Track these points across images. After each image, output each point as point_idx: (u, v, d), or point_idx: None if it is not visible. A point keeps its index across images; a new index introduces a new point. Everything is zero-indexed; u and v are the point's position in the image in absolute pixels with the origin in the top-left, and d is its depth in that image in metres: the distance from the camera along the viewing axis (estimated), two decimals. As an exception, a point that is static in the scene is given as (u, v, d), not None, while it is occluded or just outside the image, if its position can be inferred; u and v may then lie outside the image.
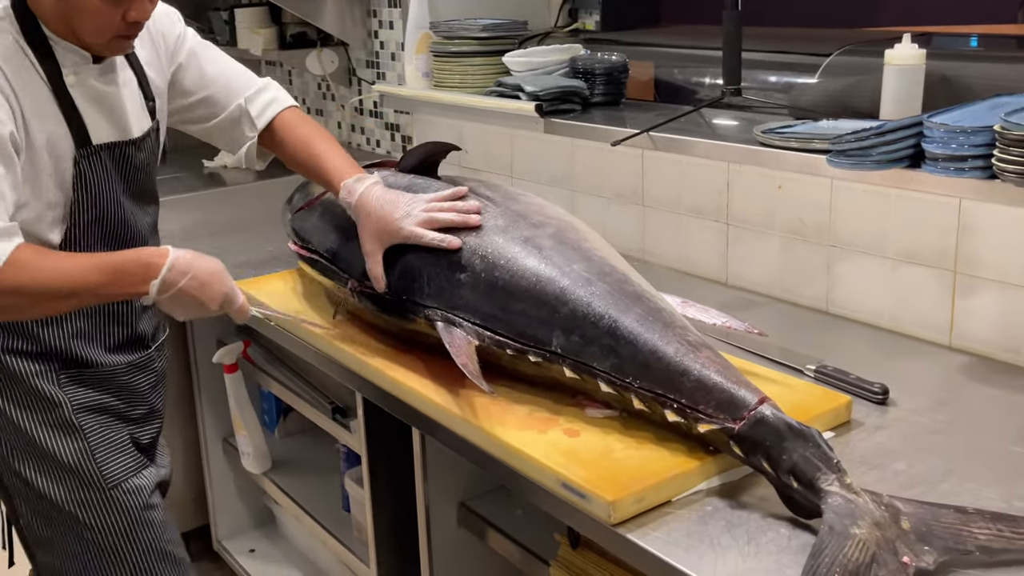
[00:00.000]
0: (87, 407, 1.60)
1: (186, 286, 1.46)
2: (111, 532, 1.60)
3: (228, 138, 1.80)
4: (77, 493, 1.58)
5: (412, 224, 1.56)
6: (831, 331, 1.79)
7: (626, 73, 2.34)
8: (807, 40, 2.25)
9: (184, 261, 1.46)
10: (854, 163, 1.55)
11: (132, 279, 1.44)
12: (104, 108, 1.55)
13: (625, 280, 1.46)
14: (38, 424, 1.57)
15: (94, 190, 1.54)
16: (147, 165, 1.64)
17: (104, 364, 1.62)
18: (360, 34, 3.15)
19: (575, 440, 1.37)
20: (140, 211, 1.64)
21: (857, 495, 1.15)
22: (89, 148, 1.52)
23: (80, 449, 1.58)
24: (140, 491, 1.63)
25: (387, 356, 1.67)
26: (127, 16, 1.45)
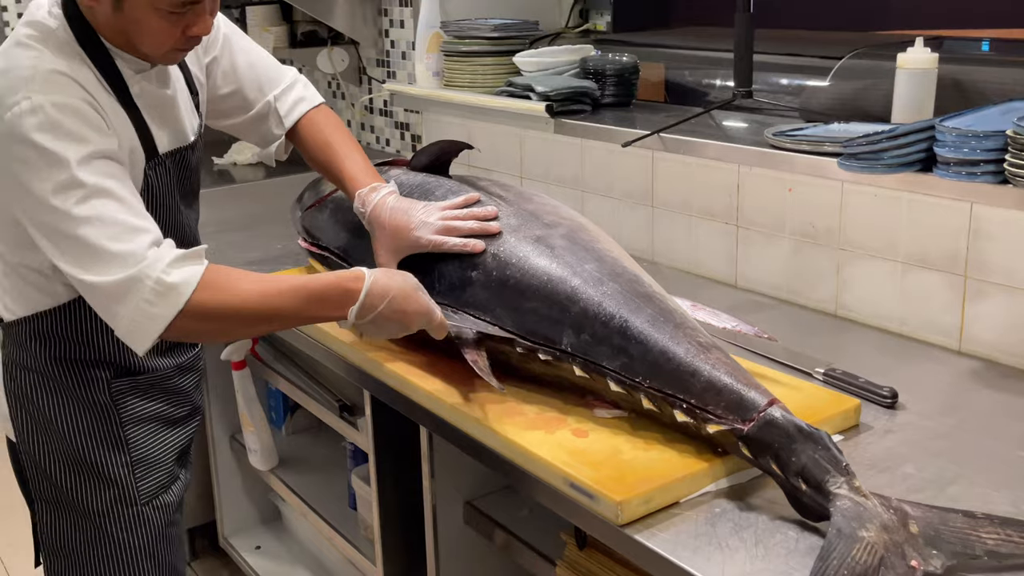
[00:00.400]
0: (136, 418, 1.59)
1: (385, 310, 1.40)
2: (135, 547, 1.60)
3: (256, 133, 1.77)
4: (111, 506, 1.57)
5: (430, 233, 1.54)
6: (840, 334, 1.79)
7: (637, 74, 2.34)
8: (818, 43, 2.25)
9: (381, 285, 1.40)
10: (865, 166, 1.55)
11: (331, 305, 1.40)
12: (164, 115, 1.52)
13: (637, 281, 1.46)
14: (86, 435, 1.55)
15: (158, 199, 1.51)
16: (199, 165, 1.64)
17: (155, 368, 1.61)
18: (371, 33, 3.16)
19: (583, 440, 1.37)
20: (190, 210, 1.64)
21: (866, 498, 1.15)
22: (157, 159, 1.50)
23: (124, 463, 1.57)
24: (167, 508, 1.63)
25: (395, 354, 1.67)
26: (188, 31, 1.41)
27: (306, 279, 1.42)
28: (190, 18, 1.39)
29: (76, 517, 1.58)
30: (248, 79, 1.71)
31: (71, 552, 1.60)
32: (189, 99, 1.61)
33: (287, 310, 1.39)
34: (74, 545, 1.59)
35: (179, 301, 1.31)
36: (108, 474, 1.56)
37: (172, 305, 1.31)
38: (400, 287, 1.41)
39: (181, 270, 1.32)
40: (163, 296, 1.31)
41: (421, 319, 1.43)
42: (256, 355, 2.39)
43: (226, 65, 1.69)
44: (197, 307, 1.32)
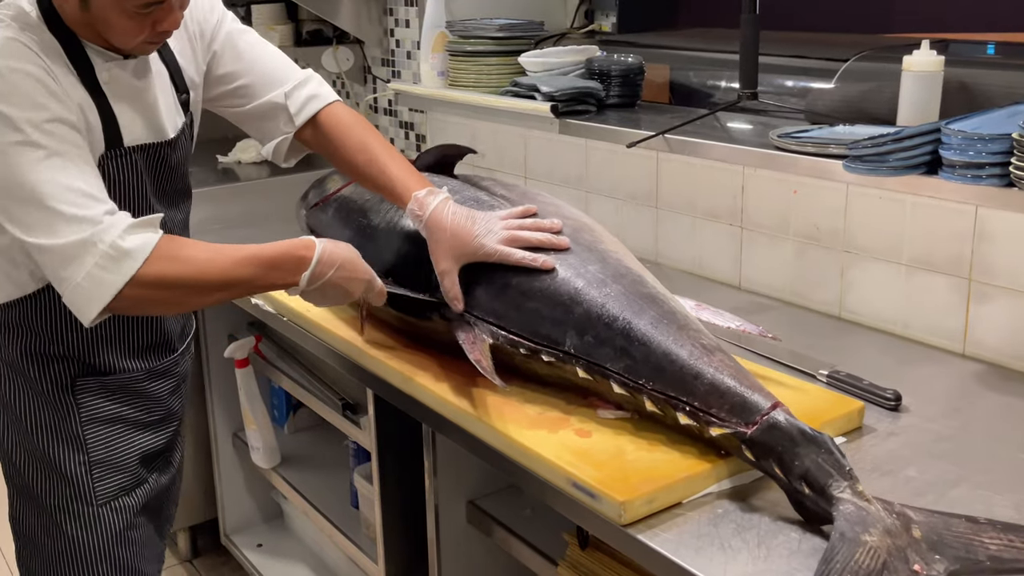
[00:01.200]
0: (97, 418, 1.56)
1: (334, 277, 1.45)
2: (92, 547, 1.58)
3: (259, 128, 1.72)
4: (68, 503, 1.56)
5: (495, 241, 1.49)
6: (844, 337, 1.79)
7: (642, 75, 2.34)
8: (823, 45, 2.25)
9: (329, 252, 1.44)
10: (871, 169, 1.55)
11: (284, 272, 1.43)
12: (138, 107, 1.49)
13: (640, 282, 1.46)
14: (45, 430, 1.54)
15: (119, 191, 1.47)
16: (181, 164, 1.61)
17: (123, 369, 1.58)
18: (376, 32, 3.16)
19: (586, 440, 1.38)
20: (171, 209, 1.60)
21: (869, 503, 1.14)
22: (120, 150, 1.46)
23: (80, 462, 1.55)
24: (126, 510, 1.60)
25: (399, 353, 1.67)
26: (156, 27, 1.40)
27: (258, 247, 1.43)
28: (158, 14, 1.39)
29: (37, 509, 1.58)
30: (254, 72, 1.67)
31: (34, 541, 1.60)
32: (173, 96, 1.57)
33: (241, 278, 1.41)
34: (37, 535, 1.59)
35: (132, 267, 1.31)
36: (65, 471, 1.55)
37: (124, 271, 1.31)
38: (346, 255, 1.47)
39: (136, 236, 1.32)
40: (116, 261, 1.30)
41: (363, 285, 1.50)
42: (259, 353, 2.39)
43: (229, 59, 1.66)
44: (149, 275, 1.32)
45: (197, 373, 2.58)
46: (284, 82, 1.68)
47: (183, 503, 2.71)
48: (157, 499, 1.68)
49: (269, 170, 3.46)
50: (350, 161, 1.66)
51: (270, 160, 1.76)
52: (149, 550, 1.66)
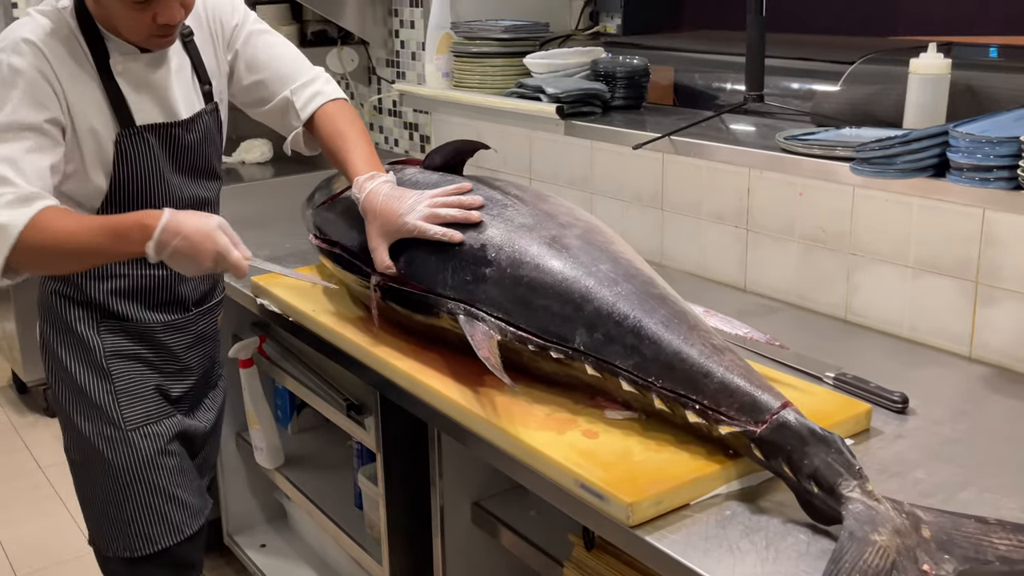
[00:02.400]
0: (118, 354, 1.74)
1: (178, 246, 1.50)
2: (126, 469, 1.74)
3: (279, 124, 1.89)
4: (102, 428, 1.73)
5: (416, 219, 1.59)
6: (850, 339, 1.79)
7: (647, 77, 2.34)
8: (829, 47, 2.25)
9: (175, 222, 1.50)
10: (878, 171, 1.55)
11: (130, 241, 1.51)
12: (150, 92, 1.65)
13: (651, 283, 1.46)
14: (76, 362, 1.73)
15: (135, 167, 1.64)
16: (200, 144, 1.74)
17: (141, 320, 1.75)
18: (381, 33, 3.16)
19: (594, 441, 1.37)
20: (196, 186, 1.75)
21: (878, 502, 1.15)
22: (132, 129, 1.63)
23: (107, 391, 1.73)
24: (157, 437, 1.76)
25: (405, 353, 1.67)
26: (156, 19, 1.54)
27: (111, 217, 1.58)
28: (156, 7, 1.53)
29: (80, 437, 1.76)
30: (270, 71, 1.83)
31: (83, 468, 1.79)
32: (194, 84, 1.73)
33: (94, 244, 1.52)
34: (81, 461, 1.78)
35: (8, 240, 1.48)
36: (96, 400, 1.73)
37: (3, 244, 1.49)
38: (196, 226, 1.51)
39: (12, 212, 1.49)
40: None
41: (214, 257, 1.53)
42: (263, 353, 2.39)
43: (247, 59, 1.81)
44: (25, 243, 1.49)
45: (201, 373, 2.58)
46: (293, 80, 1.84)
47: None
48: (190, 436, 1.85)
49: (273, 170, 3.46)
50: (326, 148, 1.82)
51: (291, 153, 1.91)
52: (185, 479, 1.81)
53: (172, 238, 1.50)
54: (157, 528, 1.77)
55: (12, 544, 2.97)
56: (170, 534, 1.78)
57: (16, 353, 3.71)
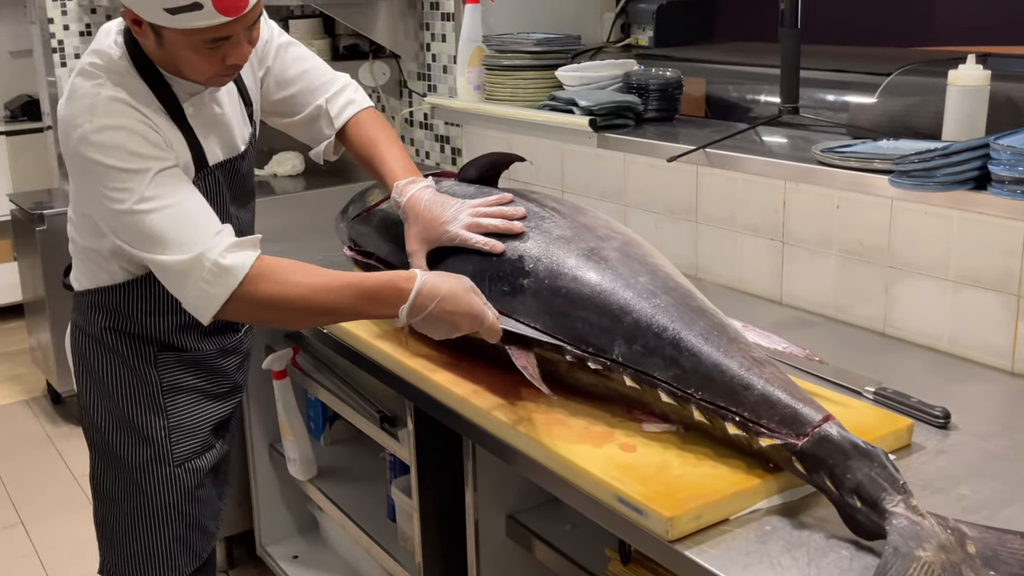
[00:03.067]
0: (175, 388, 1.73)
1: (435, 311, 1.45)
2: (165, 502, 1.73)
3: (307, 133, 1.88)
4: (148, 463, 1.71)
5: (458, 227, 1.59)
6: (888, 353, 1.77)
7: (680, 89, 2.34)
8: (863, 59, 2.24)
9: (431, 285, 1.46)
10: (918, 184, 1.54)
11: (384, 304, 1.47)
12: (217, 131, 1.65)
13: (690, 295, 1.46)
14: (130, 397, 1.71)
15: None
16: (249, 171, 1.77)
17: (197, 349, 1.75)
18: (412, 47, 3.18)
19: (632, 455, 1.37)
20: (243, 211, 1.77)
21: (923, 517, 1.13)
22: (207, 170, 1.63)
23: (161, 426, 1.71)
24: (198, 471, 1.76)
25: (440, 365, 1.67)
26: (225, 60, 1.51)
27: (360, 276, 1.50)
28: (226, 49, 1.49)
29: (119, 470, 1.73)
30: (301, 84, 1.82)
31: (113, 499, 1.75)
32: (241, 111, 1.72)
33: (339, 306, 1.48)
34: (116, 494, 1.74)
35: (232, 283, 1.45)
36: (147, 435, 1.71)
37: (227, 286, 1.45)
38: (451, 289, 1.46)
39: (236, 254, 1.46)
40: (219, 277, 1.45)
41: (471, 321, 1.47)
42: (296, 365, 2.40)
43: (278, 74, 1.81)
44: (249, 292, 1.45)
45: (234, 384, 2.60)
46: (326, 90, 1.84)
47: (219, 514, 2.73)
48: (221, 464, 1.85)
49: (304, 183, 3.49)
50: (359, 155, 1.82)
51: (319, 161, 1.90)
52: (211, 508, 1.82)
53: (428, 302, 1.45)
54: (182, 558, 1.77)
55: (47, 553, 3.00)
56: (192, 560, 1.79)
57: (51, 364, 3.75)
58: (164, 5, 1.39)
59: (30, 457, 3.62)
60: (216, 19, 1.41)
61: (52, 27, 3.90)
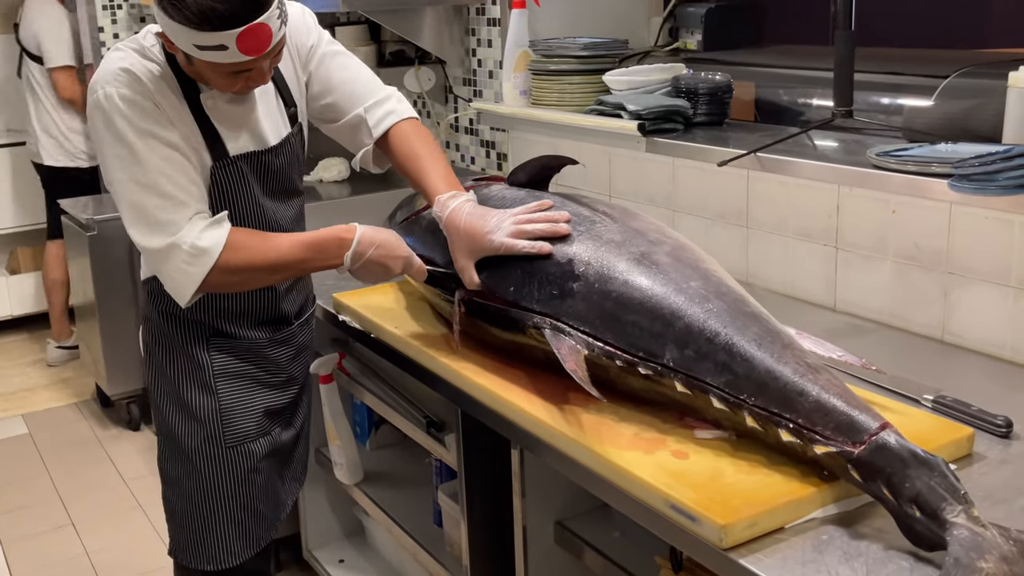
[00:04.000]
0: (227, 372, 1.81)
1: (374, 255, 1.67)
2: (220, 484, 1.81)
3: (349, 141, 1.92)
4: (201, 443, 1.80)
5: (503, 236, 1.60)
6: (947, 361, 1.73)
7: (730, 93, 2.31)
8: (918, 61, 2.20)
9: (369, 235, 1.67)
10: (978, 188, 1.51)
11: (329, 254, 1.66)
12: (240, 123, 1.71)
13: (743, 301, 1.44)
14: (185, 379, 1.80)
15: (230, 195, 1.71)
16: (287, 167, 1.80)
17: (247, 337, 1.82)
18: (458, 52, 3.18)
19: (684, 462, 1.35)
20: (282, 206, 1.81)
21: (984, 528, 1.11)
22: (226, 160, 1.69)
23: (213, 408, 1.79)
24: (251, 455, 1.83)
25: (489, 370, 1.67)
26: (248, 83, 1.61)
27: (308, 234, 1.70)
28: (249, 75, 1.59)
29: (177, 451, 1.82)
30: (343, 91, 1.86)
31: (176, 481, 1.85)
32: (280, 109, 1.78)
33: (294, 260, 1.67)
34: (178, 475, 1.84)
35: (210, 262, 1.59)
36: (200, 416, 1.79)
37: (204, 265, 1.59)
38: (384, 238, 1.69)
39: (210, 234, 1.59)
40: (197, 258, 1.59)
41: (402, 263, 1.70)
42: (343, 369, 2.40)
43: (322, 79, 1.85)
44: (224, 265, 1.60)
45: (281, 388, 2.61)
46: (367, 99, 1.87)
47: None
48: (279, 453, 1.90)
49: (350, 189, 3.51)
50: (401, 167, 1.85)
51: (359, 170, 1.95)
52: (269, 497, 1.89)
53: (367, 249, 1.66)
54: (239, 543, 1.84)
55: (97, 554, 3.03)
56: (249, 547, 1.86)
57: (101, 368, 3.80)
58: (194, 42, 1.50)
59: (80, 459, 3.67)
60: (240, 58, 1.52)
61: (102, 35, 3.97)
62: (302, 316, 1.94)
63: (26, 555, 3.05)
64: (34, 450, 3.76)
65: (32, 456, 3.71)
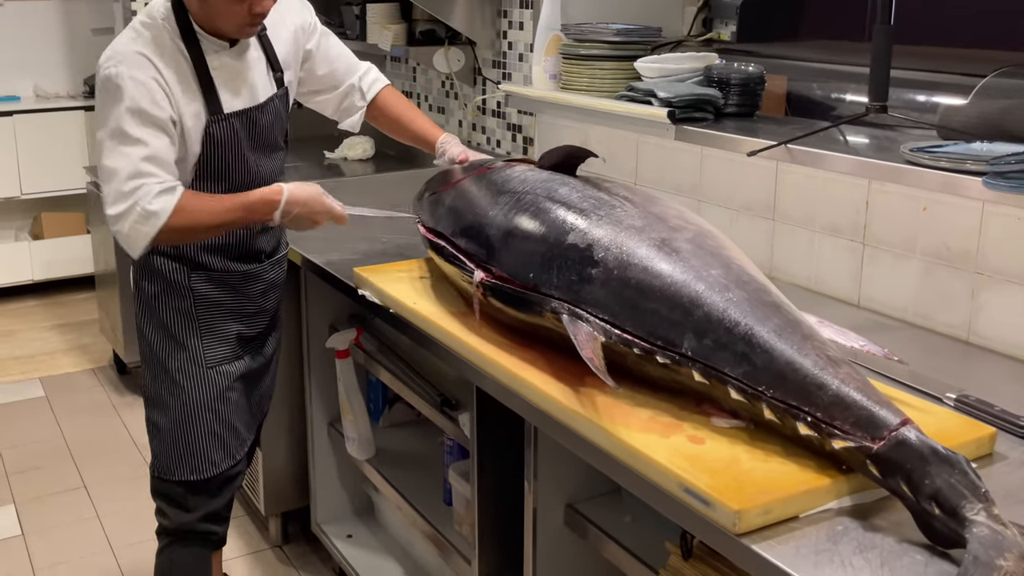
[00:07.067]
0: (206, 301, 2.04)
1: (299, 212, 1.94)
2: (199, 400, 2.03)
3: (339, 107, 2.26)
4: (185, 365, 2.03)
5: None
6: (972, 361, 1.71)
7: (763, 85, 2.29)
8: (954, 59, 2.17)
9: (294, 196, 1.93)
10: (1015, 186, 1.48)
11: (260, 213, 1.92)
12: (237, 82, 1.95)
13: (764, 290, 1.42)
14: (169, 308, 2.03)
15: (221, 147, 1.94)
16: (272, 124, 2.04)
17: (223, 269, 2.05)
18: (489, 34, 3.17)
19: (700, 447, 1.34)
20: (266, 159, 2.05)
21: (1005, 527, 1.09)
22: (220, 115, 1.92)
23: (194, 332, 2.03)
24: (227, 375, 2.07)
25: (506, 349, 1.66)
26: (252, 10, 1.84)
27: (242, 196, 1.92)
28: (252, 2, 1.83)
29: (164, 375, 2.04)
30: (338, 64, 2.22)
31: (161, 402, 2.06)
32: (268, 73, 2.03)
33: (232, 219, 1.91)
34: (162, 396, 2.05)
35: (158, 223, 1.81)
36: (184, 342, 2.03)
37: (153, 226, 1.81)
38: (308, 195, 1.95)
39: (160, 200, 1.81)
40: (147, 219, 1.81)
41: (325, 215, 1.98)
42: (360, 345, 2.40)
43: (322, 53, 2.18)
44: (171, 225, 1.82)
45: (297, 362, 2.62)
46: (358, 70, 2.25)
47: (275, 489, 2.76)
48: (251, 377, 2.14)
49: (374, 167, 3.51)
50: (395, 122, 2.26)
51: (350, 130, 2.29)
52: (242, 414, 2.11)
53: (293, 207, 1.93)
54: (219, 453, 2.06)
55: (108, 517, 3.05)
56: (227, 458, 2.07)
57: (119, 335, 3.83)
58: None
59: (95, 424, 3.69)
60: None
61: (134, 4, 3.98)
62: (274, 255, 2.15)
63: (38, 515, 3.07)
64: (50, 413, 3.79)
65: (48, 419, 3.74)
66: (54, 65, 5.22)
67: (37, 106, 4.98)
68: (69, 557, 2.86)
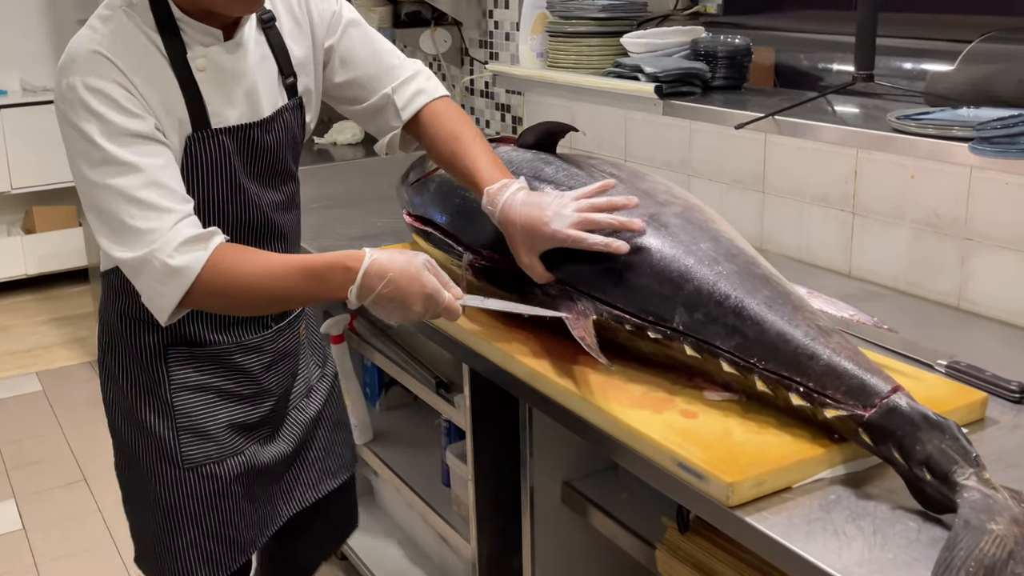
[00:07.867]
0: (186, 386, 1.58)
1: (384, 291, 1.36)
2: (176, 506, 1.60)
3: (374, 124, 1.74)
4: (156, 463, 1.59)
5: (566, 226, 1.44)
6: (963, 327, 1.71)
7: (749, 57, 2.28)
8: (940, 26, 2.16)
9: (379, 265, 1.36)
10: (1000, 151, 1.48)
11: (333, 285, 1.38)
12: (233, 89, 1.49)
13: (753, 263, 1.42)
14: (139, 394, 1.59)
15: (205, 172, 1.48)
16: (278, 146, 1.57)
17: (213, 342, 1.59)
18: (475, 14, 3.16)
19: (693, 421, 1.34)
20: (269, 190, 1.58)
21: (996, 491, 1.09)
22: (207, 131, 1.46)
23: (168, 427, 1.58)
24: (215, 478, 1.60)
25: (498, 329, 1.66)
26: None
27: (310, 258, 1.41)
28: None
29: (132, 465, 1.63)
30: (368, 67, 1.67)
31: (133, 494, 1.67)
32: (277, 78, 1.56)
33: (290, 290, 1.41)
34: (134, 489, 1.66)
35: (184, 284, 1.36)
36: (156, 434, 1.58)
37: (179, 287, 1.37)
38: (400, 267, 1.36)
39: (186, 255, 1.36)
40: (169, 278, 1.36)
41: (424, 300, 1.37)
42: (354, 330, 2.41)
43: (344, 52, 1.66)
44: (204, 287, 1.37)
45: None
46: (394, 77, 1.69)
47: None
48: (263, 473, 1.67)
49: (364, 151, 3.50)
50: (439, 153, 1.67)
51: (382, 154, 1.77)
52: (243, 516, 1.65)
53: (377, 282, 1.35)
54: (203, 567, 1.63)
55: (109, 510, 3.07)
56: (215, 571, 1.64)
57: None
58: None
59: (93, 417, 3.68)
60: None
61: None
62: (285, 319, 1.67)
63: (39, 509, 3.08)
64: (48, 407, 3.80)
65: (46, 413, 3.75)
66: (40, 58, 5.20)
67: (24, 100, 4.96)
68: (71, 551, 2.87)
